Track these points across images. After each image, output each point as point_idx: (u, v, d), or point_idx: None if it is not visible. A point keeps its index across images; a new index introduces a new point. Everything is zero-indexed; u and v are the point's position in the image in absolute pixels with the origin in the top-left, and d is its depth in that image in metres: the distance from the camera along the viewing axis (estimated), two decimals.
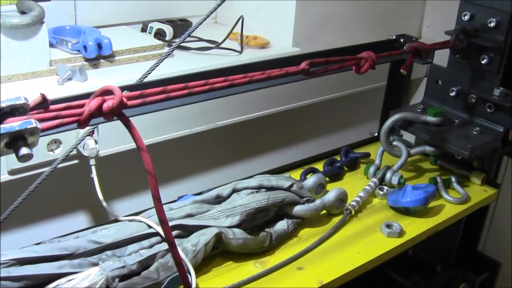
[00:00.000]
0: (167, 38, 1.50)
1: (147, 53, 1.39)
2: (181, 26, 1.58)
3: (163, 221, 0.73)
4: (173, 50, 1.11)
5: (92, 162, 1.21)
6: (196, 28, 1.10)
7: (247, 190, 1.12)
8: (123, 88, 0.97)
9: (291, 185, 1.14)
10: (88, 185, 1.18)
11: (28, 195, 1.06)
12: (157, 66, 1.10)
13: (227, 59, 1.45)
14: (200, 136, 1.44)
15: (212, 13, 1.11)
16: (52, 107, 0.70)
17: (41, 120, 0.65)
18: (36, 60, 1.23)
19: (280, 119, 1.66)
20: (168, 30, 1.50)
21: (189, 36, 1.10)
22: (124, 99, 0.70)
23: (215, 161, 1.62)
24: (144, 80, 1.09)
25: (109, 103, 0.69)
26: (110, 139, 1.28)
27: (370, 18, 1.71)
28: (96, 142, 1.21)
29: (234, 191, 1.13)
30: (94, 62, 1.31)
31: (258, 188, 1.13)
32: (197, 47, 1.48)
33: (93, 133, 1.20)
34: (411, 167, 1.41)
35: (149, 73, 1.09)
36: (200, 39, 1.54)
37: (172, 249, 0.76)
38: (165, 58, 1.10)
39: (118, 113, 0.70)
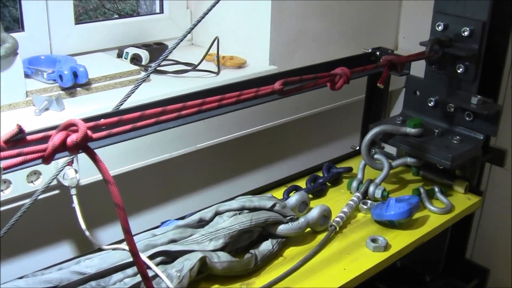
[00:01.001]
0: (143, 63, 1.49)
1: (124, 79, 1.38)
2: (157, 50, 1.58)
3: (134, 253, 0.72)
4: (148, 75, 1.11)
5: (73, 191, 1.20)
6: (171, 51, 1.11)
7: (230, 213, 1.12)
8: (97, 117, 0.97)
9: (274, 205, 1.14)
10: (71, 215, 1.17)
11: (9, 229, 1.05)
12: (133, 92, 1.10)
13: (204, 81, 1.45)
14: (180, 159, 1.43)
15: (185, 36, 1.11)
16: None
17: (4, 158, 0.64)
18: (12, 92, 1.22)
19: (260, 138, 1.66)
20: (144, 54, 1.50)
21: (164, 59, 1.12)
22: (89, 132, 0.69)
23: (197, 183, 1.61)
24: (121, 107, 1.09)
25: (73, 137, 0.68)
26: (90, 167, 1.26)
27: (345, 32, 1.72)
28: (76, 171, 1.20)
29: (217, 214, 1.12)
30: (70, 90, 1.30)
31: (241, 209, 1.13)
32: (173, 70, 1.47)
33: (73, 163, 1.19)
34: (394, 179, 1.41)
35: (125, 100, 1.09)
36: (177, 62, 1.54)
37: (146, 282, 0.75)
38: (141, 83, 1.10)
39: (83, 146, 0.69)
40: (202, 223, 1.12)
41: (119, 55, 1.53)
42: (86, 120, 0.76)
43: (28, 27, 1.43)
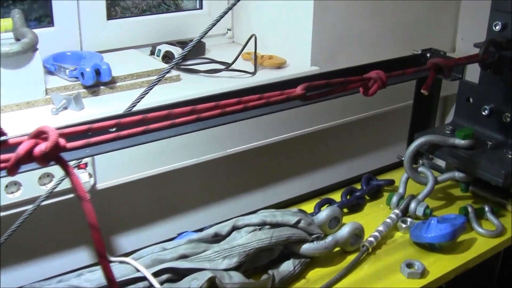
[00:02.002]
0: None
1: (151, 78, 1.31)
2: (194, 47, 1.49)
3: (110, 280, 0.64)
4: (160, 79, 1.03)
5: None
6: (186, 53, 1.03)
7: (249, 228, 1.02)
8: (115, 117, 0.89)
9: (299, 221, 1.03)
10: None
11: (10, 235, 0.99)
12: (144, 95, 1.02)
13: (239, 82, 1.36)
14: (208, 165, 1.34)
15: (202, 36, 1.03)
16: None
17: None
18: (31, 89, 1.17)
19: (296, 145, 1.55)
20: (177, 52, 1.42)
21: (178, 62, 1.04)
22: (61, 141, 0.61)
23: (223, 192, 1.51)
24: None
25: (42, 146, 0.60)
26: (109, 170, 1.20)
27: (396, 32, 1.59)
28: (90, 175, 1.14)
29: (234, 228, 1.03)
30: (93, 89, 1.23)
31: (261, 225, 1.03)
32: (206, 70, 1.39)
33: (86, 166, 1.12)
34: (440, 194, 1.27)
35: (136, 104, 1.01)
36: (213, 61, 1.46)
37: None
38: (153, 86, 1.02)
39: (54, 157, 0.61)
40: (217, 238, 1.02)
41: (152, 52, 1.46)
42: (64, 127, 0.68)
43: (58, 22, 1.37)
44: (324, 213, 1.10)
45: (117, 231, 1.33)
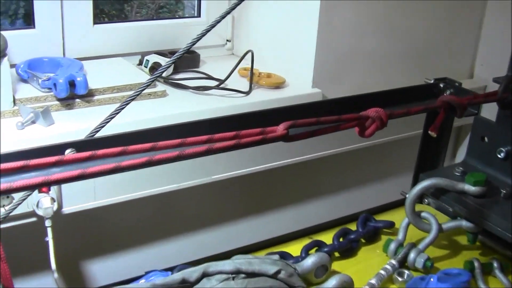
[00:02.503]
0: (164, 74, 1.29)
1: (132, 92, 1.19)
2: (186, 59, 1.38)
3: None
4: (133, 98, 0.91)
5: (48, 223, 1.02)
6: (166, 69, 0.92)
7: (221, 276, 0.90)
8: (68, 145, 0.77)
9: (278, 271, 0.91)
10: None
11: None
12: (112, 117, 0.90)
13: (230, 102, 1.24)
14: (190, 191, 1.22)
15: (189, 48, 0.92)
16: None
17: None
18: None
19: (287, 173, 1.42)
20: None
21: (157, 77, 0.92)
22: None
23: (202, 222, 1.39)
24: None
25: None
26: (76, 194, 1.08)
27: (408, 53, 1.45)
28: (53, 200, 1.02)
29: (205, 275, 0.90)
30: (67, 102, 1.12)
31: (235, 273, 0.90)
32: (195, 86, 1.27)
33: (49, 190, 1.01)
34: (445, 241, 1.14)
35: (104, 125, 0.90)
36: (207, 76, 1.34)
37: None
38: (125, 105, 0.91)
39: None
40: (185, 285, 0.90)
41: (141, 62, 1.35)
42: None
43: (39, 24, 1.26)
44: (311, 260, 0.98)
45: (86, 258, 1.22)
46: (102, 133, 1.03)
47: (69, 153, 0.76)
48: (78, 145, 0.77)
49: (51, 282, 1.16)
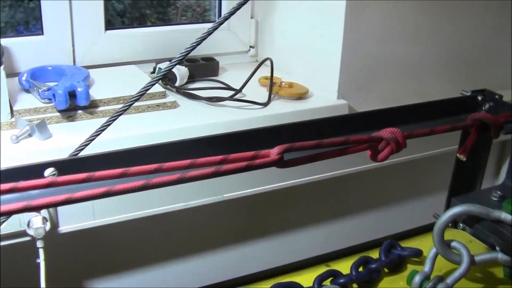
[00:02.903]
0: (177, 83, 1.21)
1: (141, 104, 1.11)
2: (203, 66, 1.30)
3: None
4: (127, 109, 0.83)
5: (39, 244, 0.95)
6: (159, 79, 0.83)
7: None
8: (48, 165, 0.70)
9: None
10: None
11: None
12: (98, 134, 0.82)
13: (246, 114, 1.14)
14: (199, 211, 1.13)
15: (181, 59, 0.83)
16: None
17: None
18: None
19: (301, 193, 1.32)
20: (180, 72, 1.22)
21: (145, 92, 0.83)
22: None
23: (207, 244, 1.29)
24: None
25: None
26: (74, 212, 1.01)
27: (444, 62, 1.32)
28: (45, 219, 0.95)
29: None
30: (68, 113, 1.05)
31: None
32: (209, 97, 1.18)
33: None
34: (479, 274, 1.02)
35: (89, 143, 0.82)
36: (225, 86, 1.25)
37: None
38: (112, 121, 0.82)
39: None
40: None
41: (155, 70, 1.27)
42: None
43: (47, 30, 1.20)
44: None
45: (85, 279, 1.14)
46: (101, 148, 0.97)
47: (50, 174, 0.69)
48: (59, 165, 0.70)
49: None
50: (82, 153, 0.80)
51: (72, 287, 1.12)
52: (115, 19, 1.37)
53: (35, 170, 0.69)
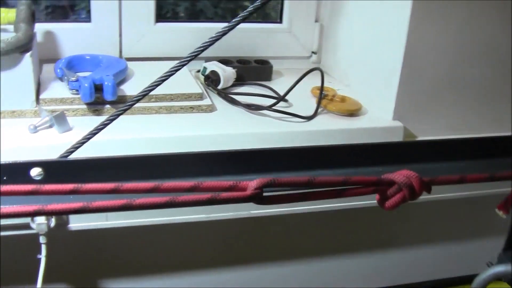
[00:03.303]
0: (220, 85, 1.13)
1: (173, 104, 1.05)
2: (254, 69, 1.21)
3: None
4: (122, 112, 0.77)
5: (42, 240, 0.91)
6: (153, 88, 0.75)
7: None
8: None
9: None
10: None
11: None
12: (93, 135, 0.76)
13: (286, 126, 1.05)
14: (219, 225, 1.06)
15: (179, 69, 0.75)
16: None
17: None
18: (17, 96, 0.97)
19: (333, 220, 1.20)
20: (225, 74, 1.14)
21: (140, 99, 0.77)
22: None
23: (228, 259, 1.20)
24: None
25: None
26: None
27: None
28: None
29: None
30: (95, 107, 1.00)
31: None
32: (248, 104, 1.09)
33: None
34: None
35: (80, 146, 0.76)
36: (272, 94, 1.16)
37: None
38: (107, 124, 0.76)
39: None
40: None
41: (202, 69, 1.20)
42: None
43: (95, 18, 1.16)
44: None
45: (87, 276, 1.09)
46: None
47: (36, 175, 0.65)
48: (47, 166, 0.65)
49: None
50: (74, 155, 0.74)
51: (72, 285, 1.08)
52: (170, 11, 1.30)
53: (20, 169, 0.65)
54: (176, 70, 0.77)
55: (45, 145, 0.91)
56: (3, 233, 0.91)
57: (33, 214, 0.52)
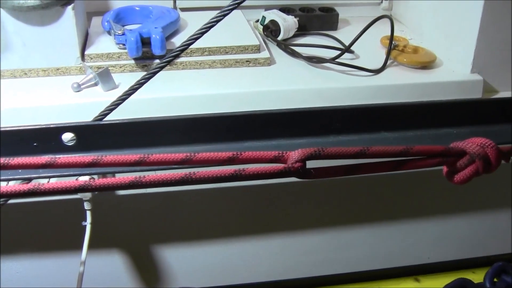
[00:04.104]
0: (280, 36, 1.04)
1: (227, 57, 0.97)
2: (318, 18, 1.11)
3: None
4: (160, 70, 0.70)
5: (87, 206, 0.87)
6: (182, 50, 0.68)
7: None
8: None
9: None
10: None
11: None
12: (129, 95, 0.70)
13: (351, 81, 0.95)
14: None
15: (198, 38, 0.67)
16: None
17: None
18: (61, 53, 0.92)
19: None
20: (286, 24, 1.05)
21: (167, 63, 0.69)
22: None
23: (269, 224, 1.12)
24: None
25: None
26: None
27: None
28: (93, 180, 0.86)
29: None
30: (144, 62, 0.94)
31: None
32: (309, 56, 1.00)
33: None
34: None
35: (115, 107, 0.69)
36: (337, 44, 1.06)
37: None
38: (140, 85, 0.70)
39: None
40: None
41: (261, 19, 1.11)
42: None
43: None
44: None
45: (132, 242, 1.05)
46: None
47: (69, 140, 0.60)
48: (79, 130, 0.60)
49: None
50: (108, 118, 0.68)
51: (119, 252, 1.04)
52: None
53: (51, 133, 0.60)
54: (218, 21, 0.69)
55: (89, 104, 0.86)
56: (48, 198, 0.88)
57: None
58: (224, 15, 0.67)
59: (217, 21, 0.68)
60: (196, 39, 0.69)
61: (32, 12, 0.87)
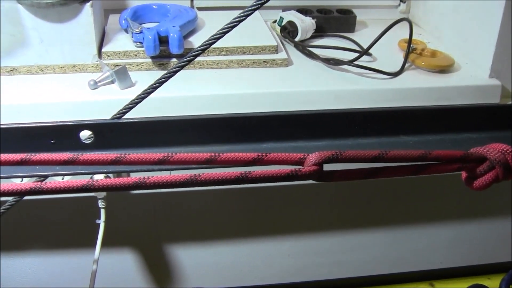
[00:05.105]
0: (298, 37, 1.04)
1: (243, 57, 0.97)
2: (336, 20, 1.11)
3: None
4: (180, 69, 0.69)
5: (101, 204, 0.87)
6: (202, 51, 0.67)
7: None
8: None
9: None
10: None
11: None
12: (148, 93, 0.69)
13: (368, 84, 0.95)
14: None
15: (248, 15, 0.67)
16: None
17: None
18: (77, 50, 0.92)
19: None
20: (303, 25, 1.04)
21: (188, 62, 0.68)
22: None
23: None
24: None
25: None
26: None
27: None
28: (95, 180, 0.86)
29: None
30: (161, 61, 0.94)
31: None
32: (327, 58, 0.99)
33: None
34: None
35: (134, 106, 0.69)
36: (354, 47, 1.05)
37: None
38: (167, 78, 0.69)
39: None
40: None
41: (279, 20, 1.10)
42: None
43: None
44: None
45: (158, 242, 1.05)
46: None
47: (86, 138, 0.60)
48: (97, 128, 0.60)
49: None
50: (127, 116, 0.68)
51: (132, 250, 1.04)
52: None
53: (70, 131, 0.59)
54: (240, 21, 0.68)
55: (106, 102, 0.86)
56: (62, 196, 0.88)
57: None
58: (247, 15, 0.67)
59: (240, 21, 0.67)
60: (218, 38, 0.68)
61: (50, 8, 0.87)
